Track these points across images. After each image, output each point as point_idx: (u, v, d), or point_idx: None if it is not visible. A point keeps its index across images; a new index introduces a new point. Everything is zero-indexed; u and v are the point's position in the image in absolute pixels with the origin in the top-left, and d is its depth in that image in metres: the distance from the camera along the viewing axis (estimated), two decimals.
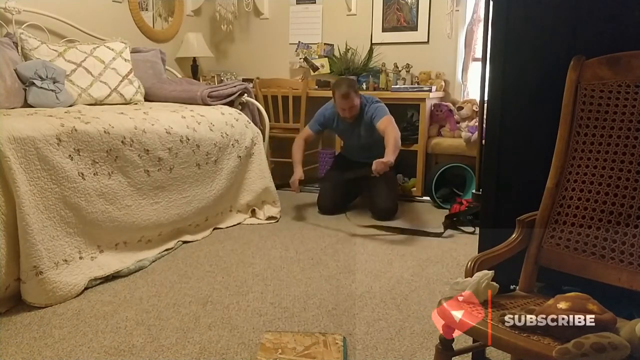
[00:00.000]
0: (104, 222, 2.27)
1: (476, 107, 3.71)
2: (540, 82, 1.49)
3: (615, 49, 1.32)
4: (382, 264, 2.48)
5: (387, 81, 4.12)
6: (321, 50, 4.41)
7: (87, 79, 3.07)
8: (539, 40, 1.48)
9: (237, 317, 1.92)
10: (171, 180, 2.65)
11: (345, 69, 4.23)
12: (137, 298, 2.08)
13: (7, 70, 2.70)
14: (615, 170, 1.29)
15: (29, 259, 1.93)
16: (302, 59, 4.41)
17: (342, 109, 3.24)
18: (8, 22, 3.05)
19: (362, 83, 4.18)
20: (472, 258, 1.31)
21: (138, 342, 1.73)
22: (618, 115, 1.30)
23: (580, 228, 1.32)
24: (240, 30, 4.83)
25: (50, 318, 1.89)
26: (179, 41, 4.44)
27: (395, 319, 1.92)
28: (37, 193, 2.00)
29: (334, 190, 3.45)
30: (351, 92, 3.20)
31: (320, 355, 1.62)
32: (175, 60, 4.47)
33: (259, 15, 4.72)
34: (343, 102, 3.21)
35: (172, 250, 2.64)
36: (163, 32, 4.34)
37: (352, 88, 3.23)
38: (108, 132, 2.32)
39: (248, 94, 3.63)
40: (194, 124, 2.86)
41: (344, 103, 3.21)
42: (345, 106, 3.22)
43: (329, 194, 3.45)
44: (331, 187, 3.47)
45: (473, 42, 3.88)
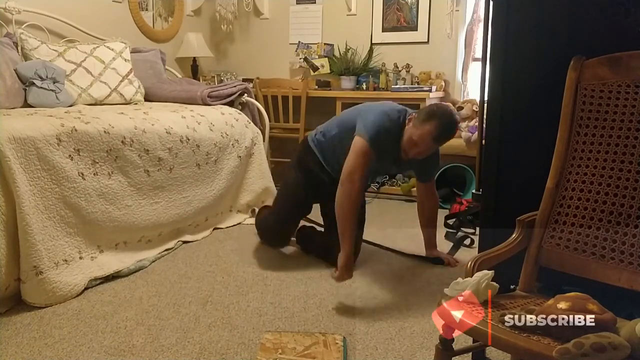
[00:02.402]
0: (104, 222, 2.27)
1: (476, 107, 3.71)
2: (540, 82, 1.49)
3: (615, 49, 1.32)
4: (382, 263, 2.48)
5: (387, 81, 4.12)
6: (321, 50, 4.41)
7: (87, 79, 3.07)
8: (539, 40, 1.48)
9: (237, 317, 1.92)
10: (171, 180, 2.65)
11: (345, 69, 4.23)
12: (137, 298, 2.08)
13: (7, 70, 2.70)
14: (615, 170, 1.29)
15: (29, 259, 1.93)
16: (302, 59, 4.41)
17: (420, 151, 2.15)
18: (8, 22, 3.05)
19: (362, 83, 4.18)
20: (472, 258, 1.31)
21: (138, 342, 1.73)
22: (618, 115, 1.30)
23: (580, 228, 1.32)
24: (240, 30, 4.83)
25: (50, 318, 1.89)
26: (179, 41, 4.44)
27: (395, 319, 1.92)
28: (37, 193, 2.00)
29: (294, 216, 2.53)
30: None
31: (320, 355, 1.62)
32: (175, 60, 4.46)
33: (259, 15, 4.72)
34: (434, 144, 2.16)
35: (172, 250, 2.64)
36: (163, 32, 4.33)
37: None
38: (108, 132, 2.32)
39: (248, 94, 3.63)
40: (194, 124, 2.86)
41: (433, 146, 2.17)
42: (431, 150, 2.20)
43: (286, 223, 2.54)
44: (292, 213, 2.51)
45: (473, 42, 3.88)
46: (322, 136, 2.44)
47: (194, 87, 3.49)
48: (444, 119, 2.10)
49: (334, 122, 2.48)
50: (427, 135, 2.09)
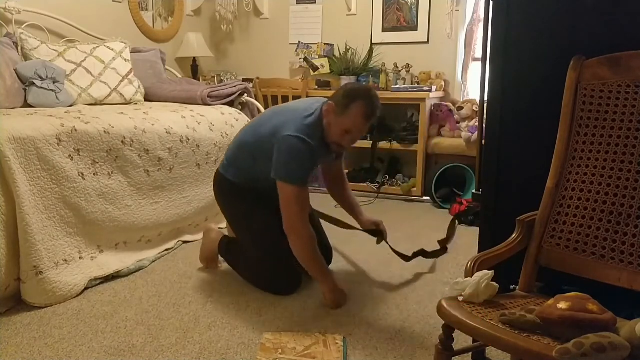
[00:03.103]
0: (104, 222, 2.27)
1: (476, 107, 3.71)
2: (540, 82, 1.49)
3: (615, 49, 1.32)
4: (382, 264, 2.48)
5: (387, 81, 4.12)
6: (321, 50, 4.41)
7: (87, 79, 3.07)
8: (539, 40, 1.48)
9: (237, 317, 1.92)
10: (171, 180, 2.65)
11: (345, 69, 4.23)
12: (137, 298, 2.08)
13: (7, 70, 2.70)
14: (615, 170, 1.29)
15: (29, 259, 1.93)
16: (302, 59, 4.41)
17: (355, 136, 2.02)
18: (8, 22, 3.05)
19: (362, 83, 4.18)
20: (472, 258, 1.31)
21: (138, 342, 1.73)
22: (618, 115, 1.30)
23: (580, 228, 1.32)
24: (240, 30, 4.83)
25: (50, 318, 1.89)
26: (179, 41, 4.44)
27: (395, 319, 1.92)
28: (37, 193, 2.00)
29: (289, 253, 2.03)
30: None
31: (320, 355, 1.62)
32: (175, 60, 4.47)
33: (259, 15, 4.72)
34: (366, 125, 2.00)
35: (172, 250, 2.64)
36: (163, 32, 4.33)
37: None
38: (108, 132, 2.32)
39: (248, 94, 3.63)
40: (194, 124, 2.86)
41: (366, 127, 2.01)
42: (363, 132, 2.05)
43: (290, 263, 2.08)
44: (285, 251, 2.03)
45: (473, 42, 3.88)
46: (233, 166, 2.19)
47: (194, 87, 3.49)
48: (366, 94, 1.97)
49: (236, 149, 2.21)
50: (358, 118, 1.94)
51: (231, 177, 2.18)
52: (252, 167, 2.11)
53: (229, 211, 2.27)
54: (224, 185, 2.22)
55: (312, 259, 2.01)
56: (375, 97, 1.99)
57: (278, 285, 2.11)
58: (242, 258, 2.25)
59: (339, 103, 1.96)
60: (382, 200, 3.81)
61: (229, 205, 2.25)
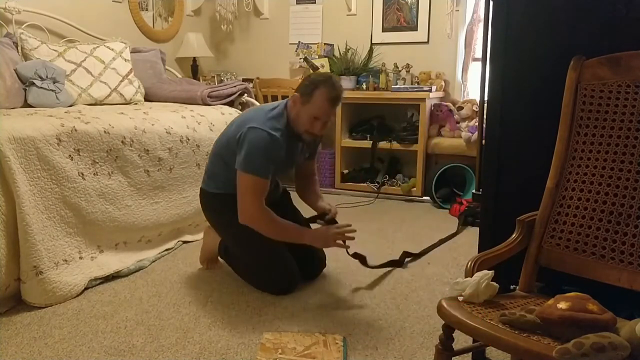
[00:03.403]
0: (104, 222, 2.27)
1: (476, 107, 3.71)
2: (540, 82, 1.49)
3: (615, 49, 1.32)
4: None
5: (387, 81, 4.12)
6: (321, 50, 4.41)
7: (87, 79, 3.07)
8: (539, 40, 1.48)
9: (237, 317, 1.92)
10: (171, 180, 2.65)
11: (345, 69, 4.23)
12: (137, 298, 2.08)
13: (7, 70, 2.70)
14: (615, 170, 1.29)
15: (29, 259, 1.93)
16: (302, 59, 4.41)
17: (324, 121, 2.04)
18: (8, 22, 3.05)
19: (362, 83, 4.18)
20: (472, 258, 1.31)
21: (138, 342, 1.73)
22: (618, 115, 1.30)
23: (580, 228, 1.32)
24: (240, 30, 4.83)
25: (50, 318, 1.89)
26: (179, 41, 4.44)
27: (395, 319, 1.92)
28: (37, 193, 2.00)
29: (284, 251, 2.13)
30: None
31: (320, 355, 1.62)
32: (175, 60, 4.46)
33: (259, 15, 4.72)
34: (332, 109, 2.04)
35: (172, 250, 2.64)
36: (163, 32, 4.33)
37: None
38: (108, 132, 2.32)
39: (248, 94, 3.63)
40: (194, 124, 2.86)
41: (332, 111, 2.05)
42: (331, 116, 2.08)
43: (286, 261, 2.13)
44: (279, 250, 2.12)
45: (473, 42, 3.88)
46: (211, 178, 2.24)
47: (194, 87, 3.49)
48: (328, 80, 2.02)
49: (211, 160, 2.27)
50: (324, 103, 1.99)
51: (213, 190, 2.23)
52: (226, 173, 2.12)
53: (217, 223, 2.30)
54: (207, 198, 2.27)
55: (282, 230, 2.07)
56: (337, 81, 2.06)
57: (276, 285, 2.13)
58: (240, 259, 2.28)
59: (303, 93, 2.03)
60: (382, 200, 3.81)
61: (215, 217, 2.29)
